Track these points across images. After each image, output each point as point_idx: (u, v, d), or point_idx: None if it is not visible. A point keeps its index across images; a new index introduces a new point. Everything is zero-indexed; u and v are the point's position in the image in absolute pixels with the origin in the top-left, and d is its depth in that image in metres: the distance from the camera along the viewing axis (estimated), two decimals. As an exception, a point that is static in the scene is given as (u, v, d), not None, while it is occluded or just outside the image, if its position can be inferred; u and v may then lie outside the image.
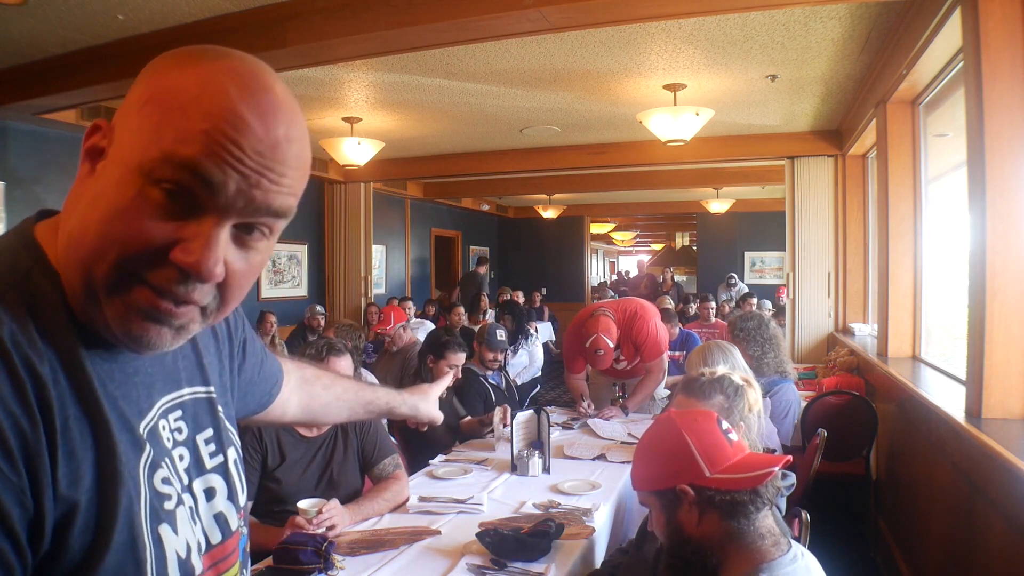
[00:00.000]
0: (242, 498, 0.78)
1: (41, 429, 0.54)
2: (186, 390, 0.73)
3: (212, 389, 0.77)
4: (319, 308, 6.72)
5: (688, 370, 2.84)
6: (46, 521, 0.53)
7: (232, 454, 0.78)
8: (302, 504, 1.90)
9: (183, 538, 0.65)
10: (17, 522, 0.51)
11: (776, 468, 1.21)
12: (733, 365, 2.57)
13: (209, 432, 0.75)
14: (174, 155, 0.56)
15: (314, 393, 1.11)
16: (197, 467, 0.72)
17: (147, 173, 0.57)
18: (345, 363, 2.41)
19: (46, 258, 0.62)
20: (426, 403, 1.26)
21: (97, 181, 0.60)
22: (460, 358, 3.35)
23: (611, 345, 3.49)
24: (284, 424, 1.19)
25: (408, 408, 1.24)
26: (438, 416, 1.27)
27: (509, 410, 2.95)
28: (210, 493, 0.72)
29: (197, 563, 0.67)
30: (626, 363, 3.70)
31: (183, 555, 0.65)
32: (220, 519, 0.73)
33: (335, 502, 1.96)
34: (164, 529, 0.63)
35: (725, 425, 1.33)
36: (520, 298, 9.08)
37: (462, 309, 6.71)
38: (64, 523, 0.55)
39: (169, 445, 0.68)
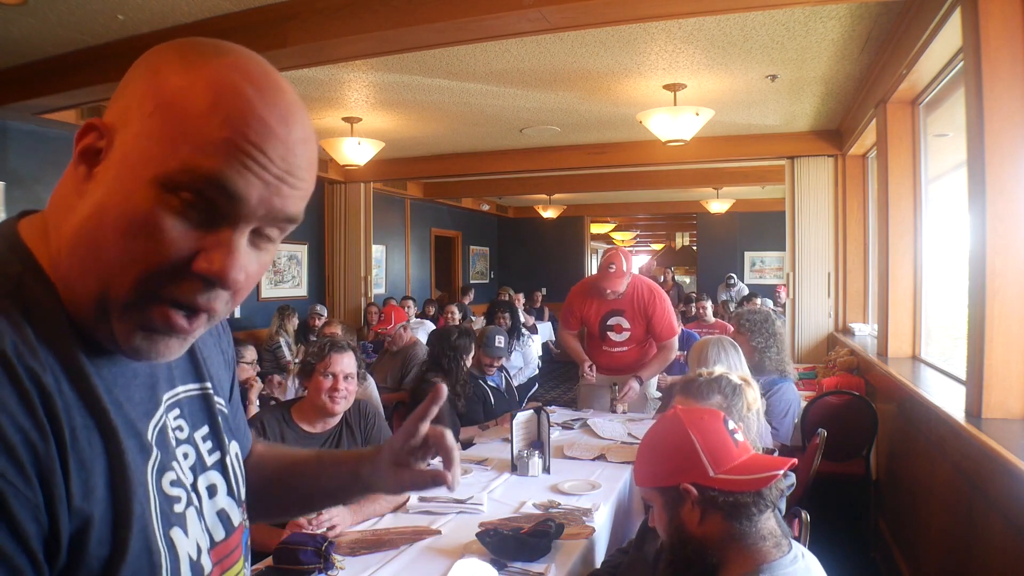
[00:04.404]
0: (243, 492, 0.77)
1: (52, 442, 0.53)
2: (180, 388, 0.72)
3: (208, 385, 0.76)
4: (320, 308, 6.73)
5: (689, 364, 2.87)
6: (62, 535, 0.53)
7: (232, 448, 0.77)
8: (303, 504, 1.90)
9: (193, 539, 0.65)
10: (34, 539, 0.51)
11: (781, 472, 1.20)
12: (729, 364, 2.59)
13: (205, 429, 0.74)
14: (196, 168, 0.54)
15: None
16: (200, 465, 0.71)
17: (164, 184, 0.55)
18: (348, 360, 2.38)
19: (37, 262, 0.60)
20: (374, 478, 0.85)
21: (99, 187, 0.58)
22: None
23: (624, 268, 3.55)
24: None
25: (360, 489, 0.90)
26: (394, 490, 0.87)
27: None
28: (212, 490, 0.72)
29: (207, 562, 0.67)
30: (629, 335, 3.71)
31: (194, 556, 0.65)
32: (223, 516, 0.72)
33: (336, 502, 1.96)
34: (176, 532, 0.63)
35: (731, 425, 1.32)
36: (521, 299, 9.09)
37: (455, 308, 6.72)
38: (79, 536, 0.54)
39: (174, 444, 0.68)
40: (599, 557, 2.05)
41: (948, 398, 2.57)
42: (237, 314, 6.62)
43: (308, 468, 0.92)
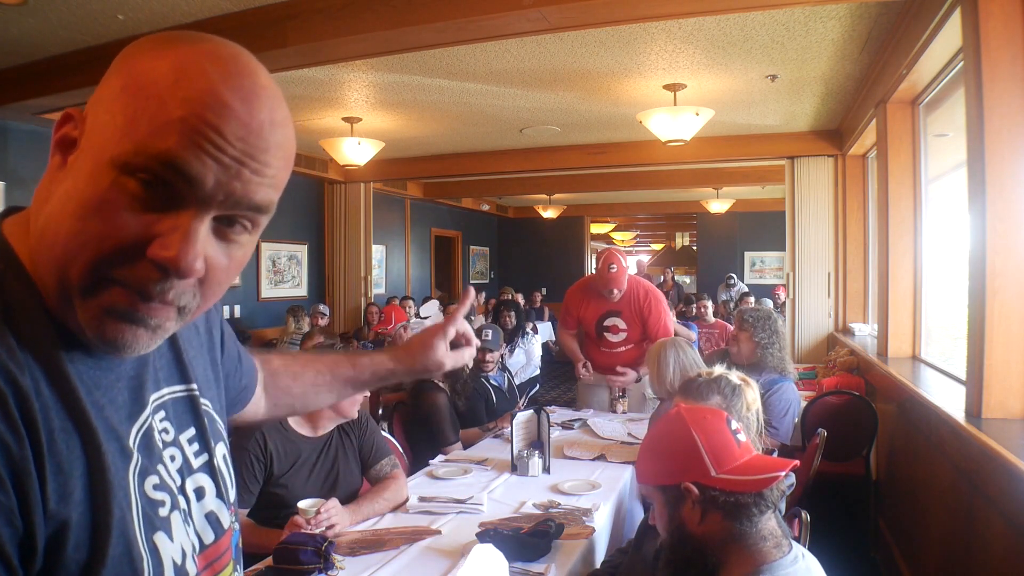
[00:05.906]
0: (232, 494, 0.76)
1: (27, 444, 0.51)
2: (165, 390, 0.70)
3: (193, 386, 0.74)
4: (323, 308, 6.73)
5: (648, 368, 2.96)
6: (37, 540, 0.51)
7: (220, 450, 0.76)
8: (302, 504, 1.90)
9: (179, 544, 0.64)
10: (8, 543, 0.49)
11: (783, 473, 1.20)
12: (686, 362, 2.74)
13: (191, 431, 0.72)
14: (148, 148, 0.53)
15: (283, 386, 1.02)
16: (187, 467, 0.70)
17: (121, 166, 0.53)
18: None
19: (18, 259, 0.58)
20: (425, 355, 1.05)
21: (69, 174, 0.57)
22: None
23: (624, 266, 3.62)
24: (257, 423, 1.10)
25: (404, 371, 1.08)
26: (446, 362, 1.07)
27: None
28: (200, 493, 0.70)
29: (192, 567, 0.65)
30: (625, 335, 3.71)
31: (179, 561, 0.63)
32: (211, 518, 0.71)
33: (334, 501, 1.96)
34: (159, 537, 0.61)
35: (735, 425, 1.31)
36: (520, 299, 9.09)
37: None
38: (56, 540, 0.53)
39: (160, 447, 0.66)
40: (599, 557, 2.05)
41: (948, 398, 2.57)
42: (237, 314, 6.61)
43: (327, 390, 1.07)
